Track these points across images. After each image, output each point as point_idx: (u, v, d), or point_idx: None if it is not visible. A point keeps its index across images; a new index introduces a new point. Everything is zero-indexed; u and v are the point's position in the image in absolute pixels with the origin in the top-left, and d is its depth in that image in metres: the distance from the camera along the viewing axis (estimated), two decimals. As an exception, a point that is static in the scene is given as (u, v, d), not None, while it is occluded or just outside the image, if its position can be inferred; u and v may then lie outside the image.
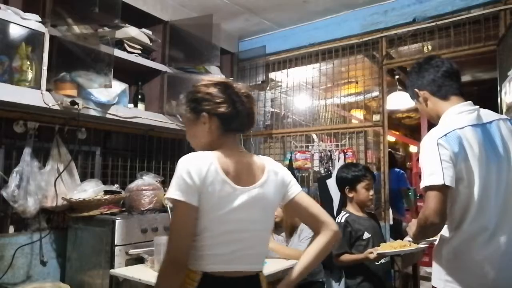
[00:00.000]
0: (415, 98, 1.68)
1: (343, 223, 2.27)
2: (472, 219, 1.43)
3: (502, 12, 2.53)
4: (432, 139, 1.47)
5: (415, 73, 1.68)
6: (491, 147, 1.48)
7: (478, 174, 1.43)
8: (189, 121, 1.30)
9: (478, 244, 1.43)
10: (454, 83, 1.60)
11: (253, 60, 3.69)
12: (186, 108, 1.30)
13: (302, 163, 3.32)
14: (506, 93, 2.14)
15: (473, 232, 1.44)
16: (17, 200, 2.12)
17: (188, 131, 1.33)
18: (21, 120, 2.25)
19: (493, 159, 1.46)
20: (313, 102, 3.66)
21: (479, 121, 1.51)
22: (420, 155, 1.50)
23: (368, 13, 3.08)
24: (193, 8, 3.11)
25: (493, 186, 1.44)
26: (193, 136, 1.31)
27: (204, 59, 2.98)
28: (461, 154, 1.43)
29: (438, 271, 1.50)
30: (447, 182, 1.39)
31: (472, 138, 1.46)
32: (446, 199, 1.40)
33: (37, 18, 2.11)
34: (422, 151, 1.49)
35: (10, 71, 2.03)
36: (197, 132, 1.28)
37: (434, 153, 1.43)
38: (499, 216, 1.43)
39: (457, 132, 1.46)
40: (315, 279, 2.59)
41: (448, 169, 1.40)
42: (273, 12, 3.23)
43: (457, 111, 1.54)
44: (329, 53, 3.31)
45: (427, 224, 1.41)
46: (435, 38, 2.82)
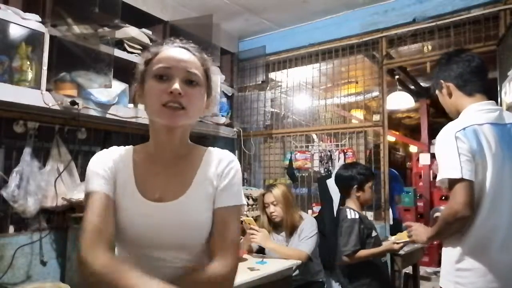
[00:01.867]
0: (439, 89, 1.65)
1: (357, 219, 2.26)
2: (485, 218, 1.41)
3: (502, 12, 2.53)
4: (449, 132, 1.45)
5: (444, 64, 1.64)
6: (510, 147, 1.45)
7: (492, 171, 1.41)
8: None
9: (492, 246, 1.40)
10: (480, 81, 1.57)
11: (253, 60, 3.69)
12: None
13: (302, 163, 3.32)
14: (506, 93, 2.14)
15: (486, 233, 1.41)
16: (17, 200, 2.12)
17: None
18: (21, 120, 2.25)
19: (510, 160, 1.43)
20: (313, 102, 3.66)
21: (499, 120, 1.49)
22: (436, 148, 1.48)
23: (368, 13, 3.08)
24: (193, 8, 3.11)
25: (508, 186, 1.42)
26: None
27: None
28: (477, 150, 1.41)
29: (448, 272, 1.48)
30: (466, 176, 1.37)
31: (490, 135, 1.44)
32: (472, 191, 1.39)
33: (37, 18, 2.11)
34: (438, 144, 1.47)
35: (10, 71, 2.03)
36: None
37: (452, 146, 1.41)
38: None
39: (475, 127, 1.44)
40: (315, 279, 2.59)
41: (466, 163, 1.39)
42: (273, 12, 3.23)
43: (478, 109, 1.52)
44: (329, 53, 3.31)
45: (457, 218, 1.38)
46: (435, 38, 2.82)
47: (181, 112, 0.93)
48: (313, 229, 2.53)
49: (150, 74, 0.97)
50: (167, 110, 0.92)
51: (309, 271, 2.55)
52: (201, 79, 0.99)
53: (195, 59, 1.01)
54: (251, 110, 3.64)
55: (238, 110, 3.70)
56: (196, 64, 1.00)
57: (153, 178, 0.99)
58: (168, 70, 0.95)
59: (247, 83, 3.75)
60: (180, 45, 1.02)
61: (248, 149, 3.66)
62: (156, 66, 0.96)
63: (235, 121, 3.64)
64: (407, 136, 7.75)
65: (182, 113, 0.93)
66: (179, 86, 0.93)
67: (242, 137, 3.62)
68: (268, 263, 2.21)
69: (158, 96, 0.93)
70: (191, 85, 0.96)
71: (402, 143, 7.79)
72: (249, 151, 3.67)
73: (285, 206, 2.54)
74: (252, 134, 3.65)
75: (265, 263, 2.21)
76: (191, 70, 0.97)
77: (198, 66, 1.00)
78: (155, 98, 0.93)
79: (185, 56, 0.99)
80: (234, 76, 3.76)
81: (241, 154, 3.71)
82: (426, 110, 5.87)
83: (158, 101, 0.93)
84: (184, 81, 0.95)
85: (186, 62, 0.98)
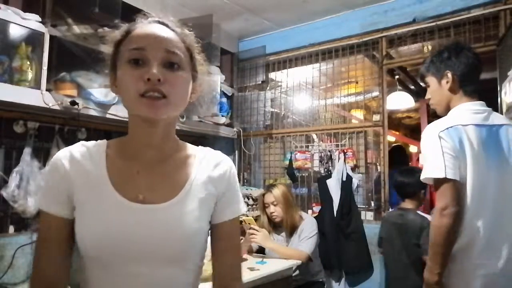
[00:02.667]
0: (438, 77, 1.61)
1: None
2: (469, 220, 1.41)
3: (502, 12, 2.53)
4: (433, 131, 1.46)
5: (454, 54, 1.60)
6: (496, 149, 1.45)
7: (472, 173, 1.41)
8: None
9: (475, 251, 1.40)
10: (478, 82, 1.59)
11: (253, 60, 3.69)
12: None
13: (302, 163, 3.32)
14: (506, 93, 2.14)
15: (471, 235, 1.41)
16: (17, 200, 2.12)
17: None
18: (21, 120, 2.25)
19: (494, 162, 1.43)
20: (313, 102, 3.66)
21: (486, 121, 1.48)
22: (422, 146, 1.49)
23: (368, 13, 3.08)
24: (193, 8, 3.10)
25: (492, 188, 1.42)
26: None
27: (204, 59, 2.97)
28: (459, 150, 1.42)
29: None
30: (449, 175, 1.38)
31: (474, 136, 1.44)
32: (457, 189, 1.39)
33: (37, 18, 2.11)
34: (423, 143, 1.48)
35: (10, 71, 2.03)
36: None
37: (436, 145, 1.42)
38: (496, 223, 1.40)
39: (459, 127, 1.45)
40: (315, 279, 2.59)
41: (450, 162, 1.40)
42: (273, 12, 3.23)
43: (467, 108, 1.53)
44: (329, 53, 3.31)
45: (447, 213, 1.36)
46: (435, 38, 2.82)
47: (162, 102, 0.77)
48: (313, 229, 2.53)
49: (122, 58, 0.81)
50: (145, 100, 0.76)
51: (309, 271, 2.56)
52: (184, 60, 0.83)
53: (175, 36, 0.84)
54: (251, 110, 3.64)
55: (238, 110, 3.70)
56: (176, 42, 0.83)
57: (134, 177, 0.83)
58: (143, 53, 0.78)
59: (247, 83, 3.75)
60: (155, 20, 0.87)
61: (248, 149, 3.66)
62: (128, 48, 0.80)
63: (235, 121, 3.64)
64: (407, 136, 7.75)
65: (163, 102, 0.77)
66: (157, 71, 0.77)
67: (242, 137, 3.62)
68: (268, 263, 2.21)
69: (133, 85, 0.77)
70: (172, 69, 0.80)
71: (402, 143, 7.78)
72: (249, 151, 3.67)
73: (285, 206, 2.54)
74: (252, 134, 3.65)
75: (265, 263, 2.21)
76: (171, 49, 0.80)
77: (179, 44, 0.84)
78: (130, 87, 0.77)
79: (162, 32, 0.82)
80: (234, 76, 3.76)
81: (241, 154, 3.71)
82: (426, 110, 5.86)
83: (135, 90, 0.77)
84: (164, 64, 0.79)
85: (164, 40, 0.81)
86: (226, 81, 3.59)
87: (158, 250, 0.79)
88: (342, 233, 2.83)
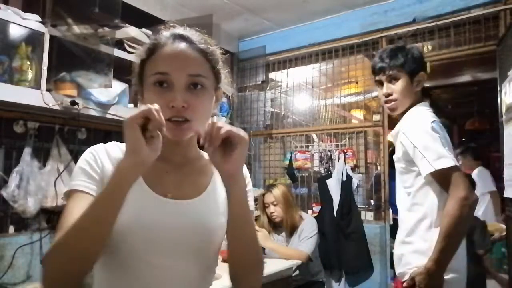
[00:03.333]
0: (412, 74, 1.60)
1: None
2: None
3: (502, 12, 2.53)
4: (425, 123, 1.46)
5: (421, 56, 1.64)
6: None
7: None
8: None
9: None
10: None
11: (253, 60, 3.69)
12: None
13: (302, 163, 3.32)
14: (506, 93, 2.14)
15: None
16: (17, 200, 2.12)
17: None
18: (21, 120, 2.25)
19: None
20: (313, 102, 3.66)
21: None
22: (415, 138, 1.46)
23: (368, 13, 3.08)
24: (193, 8, 3.10)
25: None
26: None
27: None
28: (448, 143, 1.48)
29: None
30: (456, 163, 1.40)
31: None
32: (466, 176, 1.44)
33: (37, 18, 2.11)
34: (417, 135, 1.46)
35: (10, 71, 2.03)
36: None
37: (434, 136, 1.42)
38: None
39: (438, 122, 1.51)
40: (315, 279, 2.59)
41: (451, 151, 1.43)
42: (273, 12, 3.23)
43: (426, 108, 1.60)
44: (329, 53, 3.31)
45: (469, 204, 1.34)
46: (435, 38, 2.82)
47: (186, 126, 0.82)
48: (313, 229, 2.53)
49: (148, 78, 0.85)
50: (171, 125, 0.80)
51: (309, 271, 2.56)
52: (208, 80, 0.86)
53: (199, 56, 0.86)
54: (251, 110, 3.64)
55: (238, 110, 3.70)
56: (200, 63, 0.86)
57: (164, 176, 0.89)
58: (167, 77, 0.82)
59: (247, 83, 3.75)
60: (179, 35, 0.87)
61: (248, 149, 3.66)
62: (152, 71, 0.84)
63: (235, 121, 3.63)
64: (407, 136, 7.74)
65: (187, 126, 0.82)
66: (181, 98, 0.80)
67: (242, 137, 3.61)
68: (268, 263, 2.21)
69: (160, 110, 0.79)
70: (195, 90, 0.83)
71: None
72: (249, 151, 3.67)
73: (285, 206, 2.54)
74: (252, 134, 3.65)
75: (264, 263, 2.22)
76: (194, 73, 0.83)
77: (204, 65, 0.86)
78: None
79: (186, 55, 0.84)
80: (234, 76, 3.76)
81: (241, 154, 3.70)
82: (426, 110, 5.86)
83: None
84: (188, 87, 0.83)
85: (188, 63, 0.83)
86: (226, 81, 3.59)
87: (183, 242, 0.85)
88: (342, 233, 2.83)
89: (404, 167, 1.55)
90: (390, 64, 1.58)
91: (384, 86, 1.60)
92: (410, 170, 1.52)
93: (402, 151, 1.53)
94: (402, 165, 1.55)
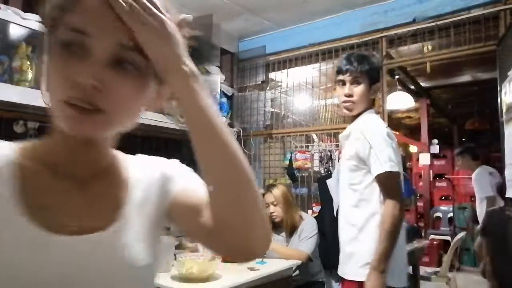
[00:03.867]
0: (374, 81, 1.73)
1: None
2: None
3: (502, 12, 2.53)
4: (381, 126, 1.63)
5: (379, 67, 1.86)
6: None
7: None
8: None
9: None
10: None
11: (253, 60, 3.69)
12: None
13: (302, 163, 3.32)
14: (506, 93, 2.14)
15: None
16: (17, 200, 2.12)
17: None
18: (21, 120, 2.25)
19: None
20: (313, 102, 3.66)
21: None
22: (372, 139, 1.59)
23: (368, 13, 3.08)
24: (193, 8, 3.10)
25: None
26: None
27: (204, 59, 2.98)
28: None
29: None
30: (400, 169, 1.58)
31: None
32: None
33: (37, 18, 2.11)
34: (374, 137, 1.59)
35: (10, 71, 2.03)
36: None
37: (387, 141, 1.57)
38: None
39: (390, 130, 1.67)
40: (315, 279, 2.59)
41: (397, 158, 1.58)
42: (273, 12, 3.23)
43: (377, 116, 1.76)
44: (329, 53, 3.31)
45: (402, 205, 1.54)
46: (435, 38, 2.82)
47: (100, 119, 0.52)
48: (313, 229, 2.53)
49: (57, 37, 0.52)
50: (69, 110, 0.50)
51: (309, 271, 2.56)
52: (146, 59, 0.53)
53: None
54: (251, 110, 3.64)
55: (238, 110, 3.71)
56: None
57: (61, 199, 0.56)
58: (84, 39, 0.50)
59: (247, 83, 3.75)
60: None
61: (248, 149, 3.66)
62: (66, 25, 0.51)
63: (235, 121, 3.64)
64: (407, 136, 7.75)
65: (101, 120, 0.52)
66: (94, 73, 0.50)
67: (242, 137, 3.62)
68: (268, 263, 2.20)
69: (58, 84, 0.51)
70: (121, 70, 0.52)
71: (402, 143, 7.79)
72: (249, 151, 3.67)
73: (285, 206, 2.54)
74: (252, 134, 3.65)
75: (265, 263, 2.21)
76: (126, 42, 0.51)
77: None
78: (54, 85, 0.53)
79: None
80: (234, 76, 3.76)
81: (241, 154, 3.71)
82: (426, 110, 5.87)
83: (57, 92, 0.51)
84: (112, 61, 0.51)
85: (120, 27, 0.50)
86: (226, 81, 3.59)
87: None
88: (342, 233, 2.83)
89: (355, 164, 1.64)
90: (358, 68, 1.69)
91: (346, 86, 1.72)
92: (361, 168, 1.63)
93: (356, 150, 1.63)
94: (353, 162, 1.65)
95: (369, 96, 1.72)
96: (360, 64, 1.70)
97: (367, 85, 1.70)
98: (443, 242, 5.61)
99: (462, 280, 4.41)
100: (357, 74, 1.70)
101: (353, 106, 1.71)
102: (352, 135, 1.69)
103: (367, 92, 1.71)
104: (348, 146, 1.72)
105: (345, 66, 1.73)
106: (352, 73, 1.70)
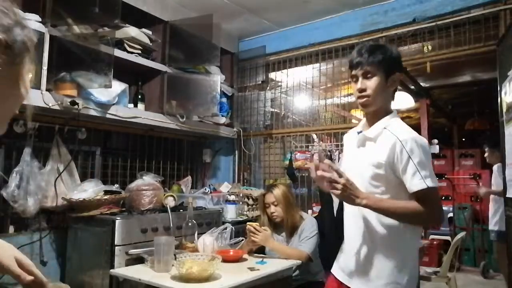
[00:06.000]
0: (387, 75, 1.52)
1: None
2: None
3: (502, 12, 2.53)
4: (422, 138, 1.48)
5: (399, 56, 1.61)
6: None
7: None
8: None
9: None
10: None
11: (253, 60, 3.69)
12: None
13: (302, 163, 3.31)
14: (506, 93, 2.14)
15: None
16: (17, 200, 2.12)
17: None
18: (21, 120, 2.25)
19: None
20: (313, 102, 3.66)
21: None
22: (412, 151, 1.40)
23: (368, 13, 3.08)
24: (193, 8, 3.11)
25: None
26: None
27: (204, 59, 2.98)
28: None
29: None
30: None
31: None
32: None
33: (37, 18, 2.11)
34: (421, 149, 1.41)
35: (10, 71, 2.03)
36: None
37: (428, 154, 1.44)
38: None
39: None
40: (315, 279, 2.59)
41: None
42: (273, 12, 3.23)
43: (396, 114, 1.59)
44: (329, 53, 3.31)
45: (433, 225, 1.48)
46: (435, 38, 2.82)
47: None
48: (313, 229, 2.53)
49: None
50: None
51: (309, 271, 2.55)
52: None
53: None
54: (251, 110, 3.64)
55: (238, 110, 3.70)
56: None
57: None
58: None
59: (247, 83, 3.75)
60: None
61: (248, 149, 3.66)
62: None
63: (235, 121, 3.64)
64: (407, 136, 7.74)
65: None
66: None
67: (242, 137, 3.62)
68: (268, 263, 2.20)
69: None
70: None
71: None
72: (249, 151, 3.67)
73: (286, 206, 2.54)
74: (252, 134, 3.65)
75: (265, 263, 2.21)
76: None
77: None
78: None
79: None
80: (234, 76, 3.76)
81: (241, 154, 3.71)
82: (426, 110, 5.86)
83: None
84: None
85: None
86: (226, 81, 3.59)
87: None
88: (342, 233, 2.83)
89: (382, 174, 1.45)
90: (368, 59, 1.50)
91: (359, 81, 1.53)
92: (384, 176, 1.45)
93: (387, 157, 1.43)
94: (381, 172, 1.45)
95: (386, 88, 1.53)
96: (371, 54, 1.51)
97: (383, 77, 1.51)
98: (443, 242, 5.61)
99: (462, 280, 4.41)
100: (369, 66, 1.50)
101: (368, 101, 1.51)
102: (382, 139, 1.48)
103: (383, 84, 1.51)
104: (372, 150, 1.50)
105: (355, 59, 1.54)
106: (363, 66, 1.51)
